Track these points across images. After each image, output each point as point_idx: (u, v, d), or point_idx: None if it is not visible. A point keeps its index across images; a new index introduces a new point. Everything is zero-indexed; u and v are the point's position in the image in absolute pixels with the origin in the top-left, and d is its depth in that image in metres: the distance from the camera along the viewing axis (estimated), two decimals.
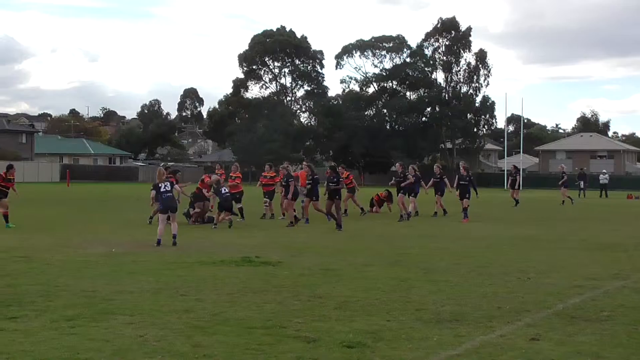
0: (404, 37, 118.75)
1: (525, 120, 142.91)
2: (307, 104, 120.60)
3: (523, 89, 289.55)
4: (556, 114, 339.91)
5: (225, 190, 28.47)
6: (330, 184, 27.54)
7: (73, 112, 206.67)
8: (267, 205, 32.47)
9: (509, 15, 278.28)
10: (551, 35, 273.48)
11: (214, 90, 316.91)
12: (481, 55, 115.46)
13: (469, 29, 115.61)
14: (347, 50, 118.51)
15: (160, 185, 21.75)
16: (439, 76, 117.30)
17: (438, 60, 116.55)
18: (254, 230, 26.92)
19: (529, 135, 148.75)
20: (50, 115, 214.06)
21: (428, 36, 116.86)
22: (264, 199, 32.67)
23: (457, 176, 33.41)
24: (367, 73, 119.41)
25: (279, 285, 14.05)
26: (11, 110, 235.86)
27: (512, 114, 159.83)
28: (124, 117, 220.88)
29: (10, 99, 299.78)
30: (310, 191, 29.43)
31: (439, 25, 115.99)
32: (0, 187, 27.63)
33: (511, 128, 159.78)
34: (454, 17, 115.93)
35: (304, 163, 34.99)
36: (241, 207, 30.72)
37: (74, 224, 28.92)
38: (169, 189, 21.67)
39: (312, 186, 29.36)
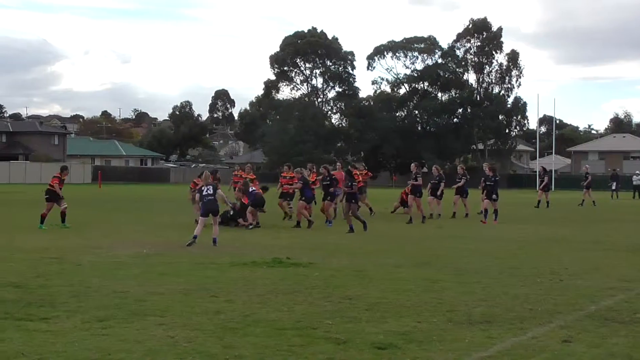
0: (435, 38, 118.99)
1: (558, 121, 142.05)
2: (338, 105, 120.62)
3: (555, 89, 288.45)
4: (589, 114, 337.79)
5: (253, 189, 28.64)
6: (345, 188, 27.66)
7: (105, 114, 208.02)
8: (290, 207, 32.24)
9: (542, 15, 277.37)
10: (584, 36, 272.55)
11: (246, 91, 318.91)
12: (513, 56, 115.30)
13: (500, 29, 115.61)
14: (378, 52, 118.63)
15: (203, 188, 21.93)
16: (471, 77, 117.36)
17: (469, 61, 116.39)
18: (283, 231, 26.92)
19: (561, 136, 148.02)
20: (82, 117, 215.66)
21: (459, 37, 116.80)
22: (281, 200, 32.34)
23: (483, 177, 33.00)
24: (398, 74, 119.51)
25: (309, 287, 14.04)
26: (44, 112, 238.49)
27: (544, 114, 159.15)
28: (156, 118, 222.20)
29: (43, 100, 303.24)
30: (326, 192, 29.55)
31: (470, 26, 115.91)
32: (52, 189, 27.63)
33: (543, 129, 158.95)
34: (485, 18, 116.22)
35: (337, 164, 35.07)
36: None
37: (105, 225, 29.05)
38: (211, 192, 21.78)
39: (327, 187, 29.50)
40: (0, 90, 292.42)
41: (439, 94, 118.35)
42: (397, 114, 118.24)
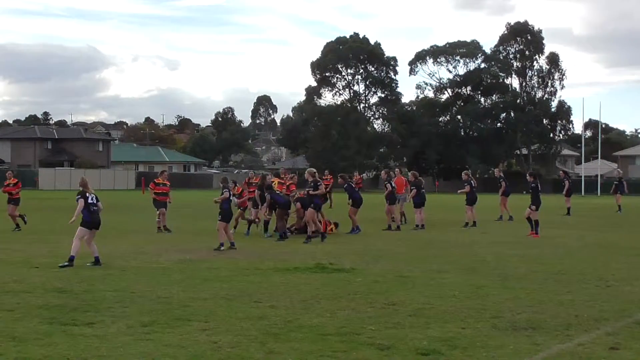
0: (478, 42, 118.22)
1: (603, 125, 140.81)
2: (380, 111, 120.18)
3: (603, 92, 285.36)
4: (637, 118, 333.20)
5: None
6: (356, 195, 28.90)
7: (148, 120, 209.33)
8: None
9: (594, 17, 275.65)
10: (634, 38, 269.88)
11: (290, 97, 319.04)
12: (553, 59, 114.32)
13: (540, 31, 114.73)
14: (420, 57, 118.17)
15: (88, 196, 18.86)
16: (514, 81, 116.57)
17: (512, 65, 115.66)
18: (327, 237, 26.82)
19: (607, 140, 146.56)
20: (126, 124, 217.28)
21: (502, 41, 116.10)
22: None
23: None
24: (441, 79, 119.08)
25: (352, 292, 14.02)
26: (90, 118, 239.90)
27: (590, 119, 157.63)
28: (199, 124, 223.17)
29: (90, 107, 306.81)
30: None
31: (510, 31, 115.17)
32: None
33: (589, 133, 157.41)
34: (526, 21, 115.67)
35: (396, 170, 35.02)
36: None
37: (149, 231, 29.20)
38: (96, 202, 18.90)
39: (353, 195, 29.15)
40: (50, 97, 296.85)
41: (482, 99, 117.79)
42: (440, 119, 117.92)
